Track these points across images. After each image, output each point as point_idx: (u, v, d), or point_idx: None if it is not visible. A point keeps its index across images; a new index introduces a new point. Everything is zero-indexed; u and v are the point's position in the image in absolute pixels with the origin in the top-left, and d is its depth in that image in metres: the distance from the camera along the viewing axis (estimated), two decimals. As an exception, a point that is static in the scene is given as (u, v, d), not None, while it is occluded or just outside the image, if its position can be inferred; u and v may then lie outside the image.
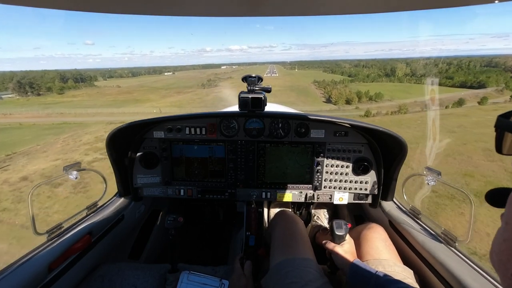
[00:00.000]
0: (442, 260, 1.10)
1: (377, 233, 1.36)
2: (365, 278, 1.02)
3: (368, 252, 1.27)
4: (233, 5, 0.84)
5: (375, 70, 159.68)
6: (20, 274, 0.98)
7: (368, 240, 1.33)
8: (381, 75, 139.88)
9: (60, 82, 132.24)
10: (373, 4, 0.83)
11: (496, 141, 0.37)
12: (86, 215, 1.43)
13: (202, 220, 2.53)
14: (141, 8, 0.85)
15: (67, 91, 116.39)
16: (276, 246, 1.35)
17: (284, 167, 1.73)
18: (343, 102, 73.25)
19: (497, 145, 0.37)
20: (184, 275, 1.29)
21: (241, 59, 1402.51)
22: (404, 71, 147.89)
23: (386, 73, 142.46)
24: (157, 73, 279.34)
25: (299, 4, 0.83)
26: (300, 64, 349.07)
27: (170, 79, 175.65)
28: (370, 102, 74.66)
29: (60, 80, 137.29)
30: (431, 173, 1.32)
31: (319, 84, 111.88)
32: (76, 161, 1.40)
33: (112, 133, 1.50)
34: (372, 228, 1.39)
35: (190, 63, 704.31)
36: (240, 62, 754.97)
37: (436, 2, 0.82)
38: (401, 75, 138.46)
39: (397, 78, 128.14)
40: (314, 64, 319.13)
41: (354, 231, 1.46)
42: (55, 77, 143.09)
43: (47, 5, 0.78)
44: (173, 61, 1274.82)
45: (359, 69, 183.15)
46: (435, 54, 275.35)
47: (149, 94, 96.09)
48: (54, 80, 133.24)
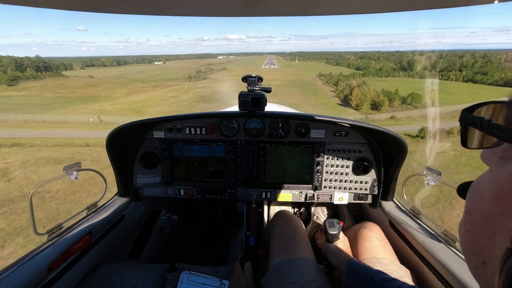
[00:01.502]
0: (442, 260, 1.10)
1: (373, 232, 1.37)
2: (362, 277, 1.03)
3: (365, 251, 1.28)
4: (233, 5, 0.85)
5: (386, 63, 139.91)
6: (20, 274, 0.98)
7: (364, 239, 1.34)
8: (396, 68, 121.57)
9: (15, 71, 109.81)
10: (373, 4, 0.83)
11: (461, 135, 0.37)
12: (86, 215, 1.43)
13: (202, 220, 2.53)
14: (141, 8, 0.86)
15: (23, 82, 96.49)
16: (275, 246, 1.35)
17: (284, 167, 1.73)
18: (367, 106, 51.51)
19: (462, 139, 0.37)
20: (184, 275, 1.29)
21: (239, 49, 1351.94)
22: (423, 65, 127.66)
23: (402, 66, 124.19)
24: (146, 62, 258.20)
25: (299, 4, 0.83)
26: (300, 55, 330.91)
27: (156, 69, 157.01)
28: (404, 106, 51.54)
29: (15, 69, 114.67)
30: (431, 173, 1.32)
31: (326, 78, 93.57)
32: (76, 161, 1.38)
33: (112, 133, 1.50)
34: (368, 227, 1.40)
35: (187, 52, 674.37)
36: (239, 52, 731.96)
37: (436, 2, 0.81)
38: (419, 69, 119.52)
39: (416, 73, 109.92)
40: (315, 55, 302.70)
41: (351, 230, 1.48)
42: (8, 64, 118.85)
43: (47, 5, 0.79)
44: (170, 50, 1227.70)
45: (366, 61, 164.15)
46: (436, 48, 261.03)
47: (117, 89, 78.55)
48: (7, 69, 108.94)
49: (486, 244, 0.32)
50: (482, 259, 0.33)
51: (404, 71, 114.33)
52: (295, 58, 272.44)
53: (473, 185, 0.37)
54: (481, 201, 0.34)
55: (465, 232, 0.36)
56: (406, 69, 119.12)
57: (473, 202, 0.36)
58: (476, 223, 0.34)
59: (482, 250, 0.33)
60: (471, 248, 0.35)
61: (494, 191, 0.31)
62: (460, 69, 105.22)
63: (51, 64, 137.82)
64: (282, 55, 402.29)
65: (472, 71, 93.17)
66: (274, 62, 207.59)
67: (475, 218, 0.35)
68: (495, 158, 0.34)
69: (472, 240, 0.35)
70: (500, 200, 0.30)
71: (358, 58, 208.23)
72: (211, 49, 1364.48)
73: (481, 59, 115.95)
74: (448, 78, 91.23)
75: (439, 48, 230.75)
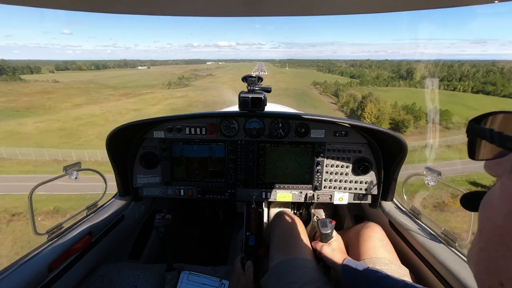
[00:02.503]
0: (442, 260, 1.10)
1: (374, 232, 1.36)
2: (357, 276, 1.03)
3: (366, 251, 1.27)
4: (233, 5, 0.85)
5: (380, 71, 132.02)
6: (20, 274, 0.99)
7: (365, 239, 1.33)
8: (394, 77, 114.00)
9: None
10: (372, 4, 0.83)
11: (469, 146, 0.35)
12: (86, 215, 1.43)
13: (202, 220, 2.52)
14: (141, 8, 0.86)
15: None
16: (275, 246, 1.35)
17: (284, 167, 1.72)
18: (386, 125, 39.45)
19: (470, 151, 0.35)
20: (184, 275, 1.29)
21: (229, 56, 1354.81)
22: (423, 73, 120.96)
23: (400, 75, 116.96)
24: (129, 67, 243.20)
25: (299, 4, 0.83)
26: (290, 62, 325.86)
27: (137, 74, 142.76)
28: (432, 125, 40.91)
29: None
30: (431, 173, 1.32)
31: (322, 86, 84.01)
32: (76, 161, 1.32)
33: (112, 133, 1.49)
34: (370, 227, 1.39)
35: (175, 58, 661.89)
36: (228, 59, 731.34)
37: (435, 2, 0.81)
38: (418, 78, 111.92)
39: (417, 82, 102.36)
40: (305, 63, 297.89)
41: (352, 231, 1.47)
42: None
43: (48, 5, 0.78)
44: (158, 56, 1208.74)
45: (359, 69, 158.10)
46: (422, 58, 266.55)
47: (75, 97, 65.23)
48: None
49: (503, 263, 0.30)
50: (499, 279, 0.30)
51: (403, 80, 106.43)
52: (285, 65, 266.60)
53: (484, 200, 0.35)
54: (495, 218, 0.31)
55: (480, 250, 0.34)
56: (405, 77, 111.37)
57: (486, 219, 0.34)
58: (490, 241, 0.32)
59: (498, 270, 0.31)
60: (486, 268, 0.33)
61: (507, 207, 0.29)
62: (461, 78, 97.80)
63: (5, 66, 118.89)
64: (272, 62, 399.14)
65: (478, 82, 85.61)
66: (264, 69, 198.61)
67: (488, 236, 0.33)
68: (501, 169, 0.31)
69: (486, 259, 0.33)
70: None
71: (349, 65, 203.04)
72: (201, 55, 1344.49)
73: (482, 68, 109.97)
74: (454, 88, 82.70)
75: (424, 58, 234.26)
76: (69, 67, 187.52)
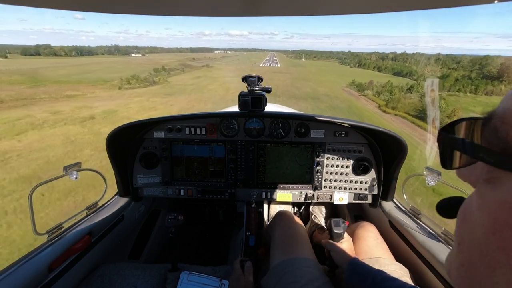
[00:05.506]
0: (442, 260, 1.10)
1: (368, 231, 1.37)
2: (363, 276, 1.03)
3: (361, 251, 1.29)
4: (233, 5, 0.86)
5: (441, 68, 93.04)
6: (20, 274, 0.99)
7: (360, 239, 1.34)
8: (471, 77, 76.72)
9: None
10: (374, 4, 0.84)
11: (441, 156, 0.34)
12: (86, 215, 1.43)
13: (202, 220, 2.51)
14: (141, 8, 0.87)
15: None
16: (276, 246, 1.35)
17: (284, 167, 1.73)
18: None
19: (442, 161, 0.34)
20: (184, 275, 1.29)
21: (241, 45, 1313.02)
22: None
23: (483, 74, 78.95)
24: (119, 53, 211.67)
25: (299, 4, 0.84)
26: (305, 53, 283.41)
27: (113, 63, 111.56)
28: None
29: None
30: (431, 173, 1.32)
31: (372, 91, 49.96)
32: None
33: (112, 133, 1.50)
34: (364, 227, 1.41)
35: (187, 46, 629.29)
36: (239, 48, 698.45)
37: (436, 2, 0.81)
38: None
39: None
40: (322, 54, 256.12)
41: (347, 230, 1.47)
42: None
43: (48, 5, 0.78)
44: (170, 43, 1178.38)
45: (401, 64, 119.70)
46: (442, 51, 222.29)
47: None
48: None
49: (487, 282, 0.27)
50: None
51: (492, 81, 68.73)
52: (301, 56, 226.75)
53: (462, 211, 0.33)
54: (474, 232, 0.29)
55: (460, 265, 0.32)
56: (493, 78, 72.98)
57: (465, 233, 0.32)
58: (471, 257, 0.30)
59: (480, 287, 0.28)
60: (468, 285, 0.31)
61: (487, 220, 0.27)
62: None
63: None
64: (285, 52, 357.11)
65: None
66: (276, 60, 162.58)
67: (469, 251, 0.30)
68: (475, 176, 0.30)
69: (468, 276, 0.30)
70: (495, 232, 0.26)
71: (379, 58, 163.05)
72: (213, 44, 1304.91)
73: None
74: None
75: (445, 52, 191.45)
76: (41, 52, 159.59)
